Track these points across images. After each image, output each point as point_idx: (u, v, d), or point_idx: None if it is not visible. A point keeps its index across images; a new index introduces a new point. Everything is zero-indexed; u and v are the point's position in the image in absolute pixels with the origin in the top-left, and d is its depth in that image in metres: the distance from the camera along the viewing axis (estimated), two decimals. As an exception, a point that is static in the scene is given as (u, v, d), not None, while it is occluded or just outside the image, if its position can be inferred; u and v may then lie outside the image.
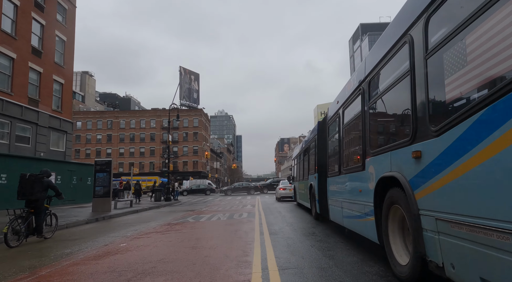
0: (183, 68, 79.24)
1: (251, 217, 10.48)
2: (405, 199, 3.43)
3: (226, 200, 23.99)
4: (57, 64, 20.70)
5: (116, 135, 72.93)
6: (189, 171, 71.42)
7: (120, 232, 8.04)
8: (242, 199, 23.56)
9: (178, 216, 12.01)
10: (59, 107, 20.94)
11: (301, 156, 14.45)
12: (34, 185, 6.98)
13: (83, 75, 79.37)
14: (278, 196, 20.47)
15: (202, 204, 20.47)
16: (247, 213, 12.20)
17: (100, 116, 73.37)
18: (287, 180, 22.82)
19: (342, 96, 6.86)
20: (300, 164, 14.80)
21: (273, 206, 15.73)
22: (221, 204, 19.24)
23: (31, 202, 6.96)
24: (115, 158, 72.10)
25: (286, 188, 20.23)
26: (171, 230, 8.08)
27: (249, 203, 18.97)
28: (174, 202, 23.03)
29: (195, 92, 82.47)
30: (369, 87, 4.90)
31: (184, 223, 9.63)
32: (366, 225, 4.95)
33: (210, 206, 17.95)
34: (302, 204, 13.75)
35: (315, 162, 10.16)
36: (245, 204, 17.67)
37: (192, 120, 74.41)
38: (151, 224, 9.61)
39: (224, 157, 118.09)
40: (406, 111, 3.55)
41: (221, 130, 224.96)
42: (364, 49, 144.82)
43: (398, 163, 3.70)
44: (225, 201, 22.18)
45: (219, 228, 8.11)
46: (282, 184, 21.52)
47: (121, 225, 9.76)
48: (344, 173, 6.39)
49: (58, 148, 21.05)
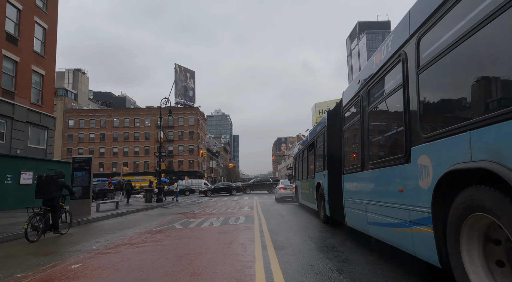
0: (178, 65, 77.47)
1: (249, 222, 8.87)
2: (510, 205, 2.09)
3: (222, 201, 22.37)
4: (36, 54, 18.95)
5: (109, 134, 71.00)
6: (185, 171, 69.69)
7: (86, 244, 6.40)
8: (239, 200, 21.96)
9: (165, 221, 10.37)
10: (39, 101, 19.18)
11: (304, 153, 12.89)
12: (49, 185, 7.55)
13: (75, 72, 77.29)
14: (278, 197, 18.89)
15: (196, 205, 18.85)
16: (244, 216, 10.59)
17: (93, 114, 71.40)
18: (287, 179, 21.26)
19: (367, 73, 5.38)
20: (303, 161, 13.24)
21: (273, 208, 14.14)
22: (216, 205, 17.62)
23: (47, 200, 7.54)
24: (109, 158, 70.23)
25: (286, 188, 18.66)
26: (150, 240, 6.45)
27: (247, 204, 17.37)
28: (166, 203, 21.36)
29: (191, 90, 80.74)
30: (417, 48, 3.44)
31: (169, 230, 8.01)
32: (414, 238, 3.47)
33: (204, 207, 16.34)
34: (306, 205, 12.20)
35: (324, 157, 8.62)
36: (242, 206, 16.08)
37: (188, 118, 72.66)
38: (129, 232, 7.98)
39: (221, 156, 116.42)
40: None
41: (217, 130, 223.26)
42: (362, 48, 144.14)
43: (494, 147, 2.27)
44: (220, 202, 20.57)
45: (210, 238, 6.50)
46: (282, 183, 19.94)
47: (93, 233, 8.12)
48: (371, 168, 4.88)
49: (39, 144, 19.30)
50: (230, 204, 17.75)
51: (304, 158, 12.81)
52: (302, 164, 13.37)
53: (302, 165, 13.37)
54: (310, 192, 10.90)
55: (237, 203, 18.40)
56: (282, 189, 18.76)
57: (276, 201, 19.41)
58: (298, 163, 14.87)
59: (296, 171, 15.65)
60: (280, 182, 20.81)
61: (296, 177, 15.93)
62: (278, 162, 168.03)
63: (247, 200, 21.38)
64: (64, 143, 69.49)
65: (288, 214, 11.28)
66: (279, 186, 19.34)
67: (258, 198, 24.71)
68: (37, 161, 17.38)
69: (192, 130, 71.93)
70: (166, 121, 72.59)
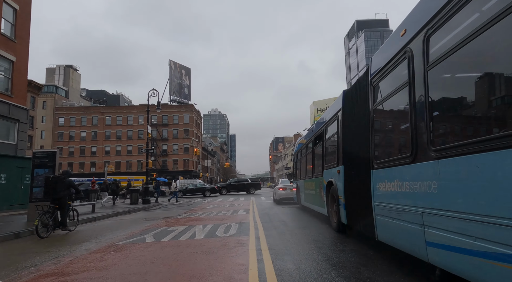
0: (173, 62, 75.28)
1: (243, 234, 6.84)
2: None
3: (216, 202, 20.34)
4: (4, 37, 16.81)
5: (101, 133, 68.67)
6: (180, 170, 67.52)
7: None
8: (235, 202, 19.97)
9: (138, 230, 8.33)
10: (8, 90, 17.03)
11: (308, 147, 10.92)
12: (57, 185, 7.98)
13: (66, 69, 74.81)
14: (277, 198, 16.90)
15: (185, 207, 16.83)
16: (238, 223, 8.58)
17: (85, 112, 69.02)
18: (286, 179, 19.33)
19: (423, 14, 3.40)
20: (307, 158, 11.28)
21: (272, 212, 12.13)
22: (208, 207, 15.61)
23: (55, 199, 7.90)
24: (101, 157, 67.92)
25: (286, 188, 16.69)
26: (92, 268, 4.37)
27: (242, 206, 15.37)
28: (153, 205, 19.30)
29: (186, 88, 78.54)
30: None
31: (133, 246, 5.96)
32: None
33: (193, 210, 14.32)
34: (310, 207, 10.25)
35: (338, 150, 6.67)
36: (237, 208, 14.08)
37: (183, 116, 70.47)
38: (80, 249, 5.92)
39: (217, 156, 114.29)
40: None
41: (214, 129, 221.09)
42: (360, 46, 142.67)
43: None
44: (214, 204, 18.55)
45: (181, 264, 4.45)
46: (282, 183, 17.95)
47: (27, 252, 6.08)
48: (437, 156, 2.92)
49: (8, 139, 17.15)
50: (224, 207, 15.74)
51: (308, 153, 10.84)
52: (306, 161, 11.41)
53: (306, 161, 11.41)
54: (316, 193, 8.94)
55: (231, 205, 16.39)
56: (281, 189, 16.78)
57: (275, 202, 17.43)
58: (301, 159, 12.91)
59: (298, 169, 13.70)
60: (279, 181, 18.80)
61: (297, 176, 13.98)
62: (275, 161, 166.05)
63: (242, 202, 19.37)
64: (54, 142, 67.04)
65: (291, 219, 9.28)
66: (278, 186, 17.35)
67: (256, 199, 22.70)
68: (3, 157, 15.26)
69: (187, 129, 69.76)
70: (161, 119, 70.44)
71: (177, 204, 21.09)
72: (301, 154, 12.63)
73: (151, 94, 21.60)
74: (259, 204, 16.98)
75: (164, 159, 68.98)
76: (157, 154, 68.72)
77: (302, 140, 12.48)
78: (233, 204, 17.68)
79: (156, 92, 21.82)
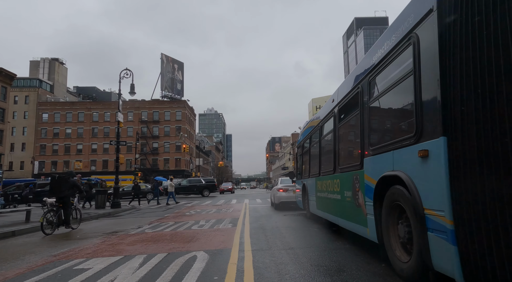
0: (165, 55, 71.45)
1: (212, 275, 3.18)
2: None
3: (202, 205, 16.60)
4: None
5: (88, 130, 64.62)
6: (171, 170, 63.63)
7: None
8: (225, 204, 16.27)
9: (38, 261, 4.63)
10: None
11: (325, 128, 7.24)
12: (61, 184, 8.33)
13: (51, 62, 70.59)
14: (276, 201, 13.17)
15: (161, 213, 13.16)
16: (209, 254, 4.86)
17: (70, 107, 64.91)
18: (288, 178, 15.64)
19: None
20: (322, 144, 7.61)
21: (270, 224, 8.37)
22: (187, 214, 11.92)
23: (60, 198, 8.25)
24: (87, 155, 63.87)
25: (288, 189, 12.97)
26: None
27: (231, 213, 11.68)
28: (121, 211, 15.54)
29: (179, 83, 74.67)
30: None
31: None
32: None
33: (165, 219, 10.61)
34: (328, 219, 6.61)
35: (419, 108, 2.92)
36: (223, 217, 10.39)
37: (175, 113, 66.60)
38: None
39: (212, 155, 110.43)
40: None
41: (210, 129, 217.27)
42: (359, 44, 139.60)
43: None
44: (199, 208, 14.84)
45: None
46: (282, 183, 14.21)
47: None
48: None
49: None
50: (208, 213, 12.05)
51: (326, 136, 7.16)
52: (321, 149, 7.71)
53: (320, 150, 7.72)
54: (345, 198, 5.27)
55: (218, 211, 12.70)
56: (281, 191, 13.06)
57: (274, 207, 13.73)
58: (310, 149, 9.23)
59: (305, 163, 10.02)
60: (278, 181, 15.05)
61: (303, 172, 10.31)
62: (272, 161, 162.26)
63: (233, 206, 15.65)
64: (37, 139, 62.90)
65: (301, 242, 5.59)
66: (277, 187, 13.61)
67: (250, 201, 19.00)
68: None
69: (179, 126, 65.88)
70: (151, 115, 66.49)
71: (155, 207, 17.35)
72: (312, 141, 8.95)
73: (124, 75, 17.84)
74: (254, 209, 13.30)
75: (155, 158, 65.13)
76: (147, 152, 64.83)
77: (314, 121, 8.78)
78: (221, 209, 13.98)
79: (130, 73, 18.06)
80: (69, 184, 8.38)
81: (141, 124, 65.49)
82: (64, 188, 8.27)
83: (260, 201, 19.40)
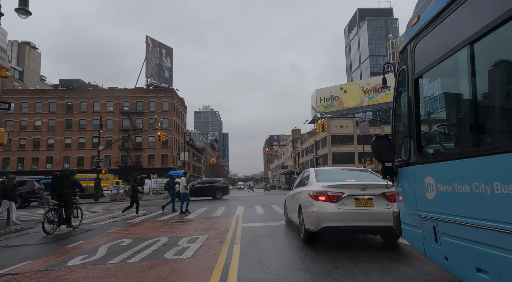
0: (151, 38, 63.20)
1: None
2: None
3: (151, 226, 8.65)
4: None
5: (61, 122, 56.26)
6: (157, 168, 55.56)
7: None
8: (202, 222, 8.42)
9: None
10: None
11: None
12: (63, 182, 8.09)
13: (21, 46, 62.07)
14: (310, 225, 5.15)
15: (97, 233, 5.23)
16: None
17: (40, 96, 56.49)
18: (340, 168, 6.86)
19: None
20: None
21: None
22: (135, 233, 4.01)
23: (61, 196, 8.02)
24: (59, 151, 55.54)
25: (347, 197, 4.94)
26: None
27: (208, 239, 3.77)
28: (12, 230, 7.63)
29: (167, 70, 66.50)
30: None
31: None
32: None
33: (89, 243, 2.64)
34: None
35: None
36: (184, 252, 2.44)
37: (161, 103, 58.43)
38: None
39: (207, 153, 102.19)
40: None
41: (206, 127, 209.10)
42: (363, 36, 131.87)
43: None
44: (138, 231, 6.94)
45: None
46: (321, 176, 5.96)
47: None
48: None
49: None
50: (174, 230, 4.11)
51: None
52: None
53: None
54: None
55: (186, 231, 4.78)
56: (324, 199, 5.05)
57: (302, 237, 5.77)
58: None
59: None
60: (310, 174, 6.34)
61: (440, 138, 2.41)
62: (270, 161, 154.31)
63: (216, 223, 7.70)
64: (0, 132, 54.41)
65: None
66: (309, 189, 5.55)
67: (245, 213, 11.01)
68: None
69: (166, 117, 57.70)
70: (134, 105, 58.28)
71: (101, 224, 9.32)
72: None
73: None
74: (249, 237, 5.39)
75: (138, 154, 56.94)
76: (129, 148, 56.65)
77: None
78: (198, 227, 6.03)
79: None
80: (70, 182, 8.27)
81: (123, 115, 57.29)
82: (66, 186, 8.10)
83: (262, 211, 11.48)
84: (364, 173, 6.07)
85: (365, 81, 71.80)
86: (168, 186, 13.69)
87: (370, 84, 66.93)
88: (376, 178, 5.61)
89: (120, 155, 56.86)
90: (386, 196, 4.90)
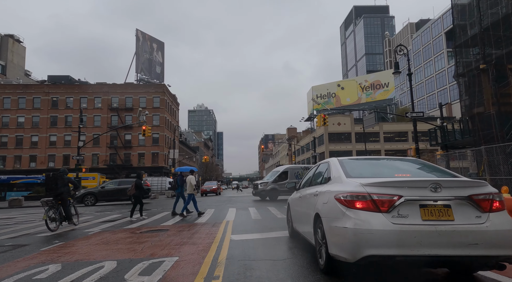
0: (142, 32, 60.65)
1: None
2: None
3: (129, 238, 6.48)
4: None
5: (45, 118, 53.46)
6: (147, 166, 53.03)
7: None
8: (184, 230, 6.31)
9: None
10: None
11: None
12: (57, 181, 8.30)
13: (4, 38, 59.01)
14: (343, 254, 3.12)
15: (56, 242, 3.03)
16: None
17: (23, 91, 53.59)
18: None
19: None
20: None
21: None
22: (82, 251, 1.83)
23: (57, 195, 8.23)
24: (43, 149, 52.77)
25: (410, 207, 2.86)
26: None
27: None
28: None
29: (158, 66, 63.99)
30: None
31: None
32: None
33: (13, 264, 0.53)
34: None
35: None
36: None
37: (152, 99, 55.91)
38: None
39: (200, 152, 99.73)
40: None
41: (200, 126, 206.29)
42: (359, 34, 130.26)
43: None
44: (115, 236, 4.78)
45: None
46: (353, 167, 3.60)
47: None
48: None
49: None
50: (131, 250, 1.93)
51: None
52: None
53: None
54: None
55: (151, 248, 2.59)
56: (361, 207, 2.96)
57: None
58: None
59: None
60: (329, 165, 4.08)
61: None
62: (265, 160, 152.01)
63: (199, 231, 5.55)
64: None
65: None
66: (336, 189, 3.41)
67: (235, 221, 8.80)
68: None
69: (157, 114, 55.24)
70: (123, 101, 55.62)
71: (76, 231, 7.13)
72: None
73: None
74: (238, 263, 3.20)
75: (127, 152, 54.39)
76: (117, 146, 54.08)
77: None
78: (156, 242, 3.85)
79: None
80: (64, 180, 8.43)
81: (111, 112, 54.69)
82: (60, 185, 8.27)
83: (258, 216, 9.33)
84: (419, 165, 3.86)
85: (362, 77, 69.99)
86: (176, 184, 11.51)
87: (368, 81, 65.14)
88: (445, 170, 3.49)
89: (109, 153, 54.24)
90: (475, 201, 2.81)
